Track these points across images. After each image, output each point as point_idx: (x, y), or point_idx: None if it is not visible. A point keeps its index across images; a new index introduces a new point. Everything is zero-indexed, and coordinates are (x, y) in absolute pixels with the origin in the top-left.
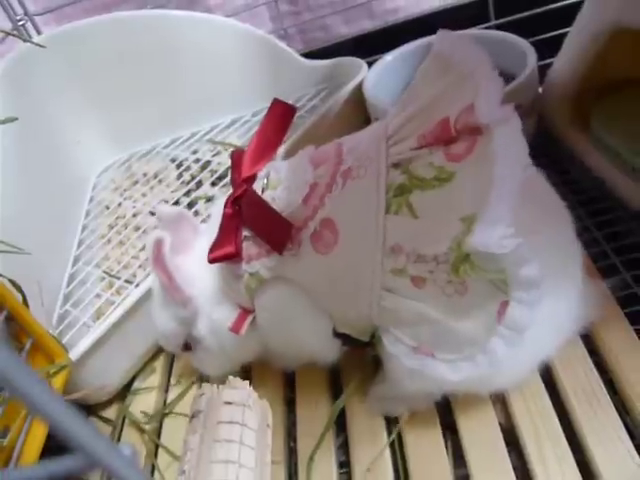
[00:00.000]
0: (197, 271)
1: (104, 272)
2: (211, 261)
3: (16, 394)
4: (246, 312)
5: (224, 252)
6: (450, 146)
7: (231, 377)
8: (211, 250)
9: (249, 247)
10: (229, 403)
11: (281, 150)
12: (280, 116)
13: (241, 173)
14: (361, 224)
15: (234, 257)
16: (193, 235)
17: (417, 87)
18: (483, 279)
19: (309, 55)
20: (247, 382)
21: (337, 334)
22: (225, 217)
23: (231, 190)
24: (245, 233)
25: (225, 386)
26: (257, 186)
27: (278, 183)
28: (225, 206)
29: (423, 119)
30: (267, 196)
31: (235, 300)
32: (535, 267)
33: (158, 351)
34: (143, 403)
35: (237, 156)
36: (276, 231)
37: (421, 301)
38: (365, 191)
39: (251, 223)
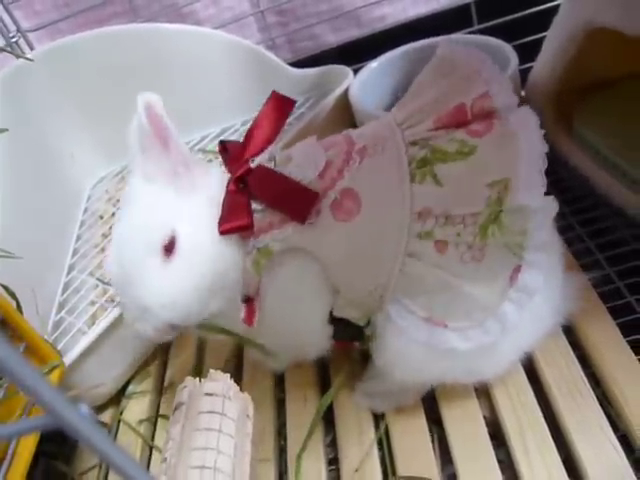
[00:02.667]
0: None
1: (98, 280)
2: (222, 232)
3: None
4: (251, 302)
5: (238, 224)
6: (468, 126)
7: (212, 370)
8: (221, 223)
9: (258, 221)
10: (210, 394)
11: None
12: (279, 106)
13: (241, 155)
14: (386, 193)
15: (247, 229)
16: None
17: (421, 85)
18: (500, 244)
19: (298, 64)
20: (228, 375)
21: (332, 321)
22: (230, 194)
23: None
24: (253, 208)
25: (206, 379)
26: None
27: (287, 160)
28: (228, 185)
29: (434, 108)
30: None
31: (233, 290)
32: (549, 232)
33: (152, 356)
34: (137, 407)
35: (226, 144)
36: (299, 200)
37: (441, 267)
38: (387, 164)
39: (266, 196)
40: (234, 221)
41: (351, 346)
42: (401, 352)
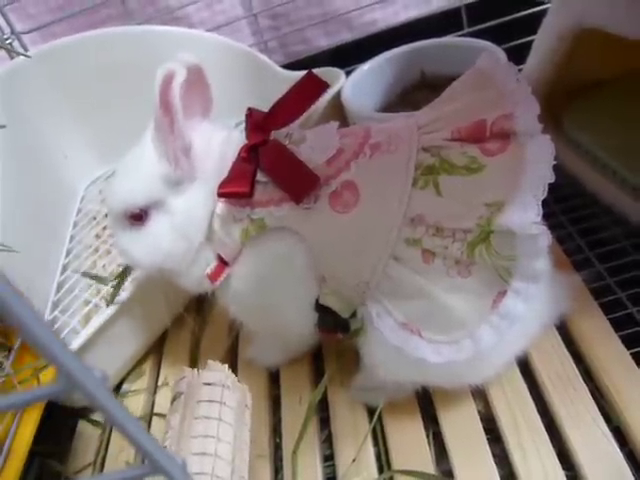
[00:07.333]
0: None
1: (91, 277)
2: (220, 195)
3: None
4: (224, 263)
5: (237, 190)
6: (483, 144)
7: (210, 361)
8: (222, 186)
9: (259, 193)
10: (208, 384)
11: None
12: (311, 87)
13: (261, 125)
14: (386, 192)
15: (245, 197)
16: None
17: (453, 92)
18: (489, 265)
19: (290, 67)
20: (226, 365)
21: (317, 308)
22: (239, 159)
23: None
24: (258, 179)
25: (205, 369)
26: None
27: (301, 140)
28: (240, 151)
29: (458, 118)
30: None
31: (217, 249)
32: (544, 262)
33: (146, 355)
34: (132, 405)
35: (254, 112)
36: (300, 182)
37: (424, 276)
38: (394, 164)
39: (272, 170)
40: (234, 187)
41: (335, 336)
42: (380, 352)
